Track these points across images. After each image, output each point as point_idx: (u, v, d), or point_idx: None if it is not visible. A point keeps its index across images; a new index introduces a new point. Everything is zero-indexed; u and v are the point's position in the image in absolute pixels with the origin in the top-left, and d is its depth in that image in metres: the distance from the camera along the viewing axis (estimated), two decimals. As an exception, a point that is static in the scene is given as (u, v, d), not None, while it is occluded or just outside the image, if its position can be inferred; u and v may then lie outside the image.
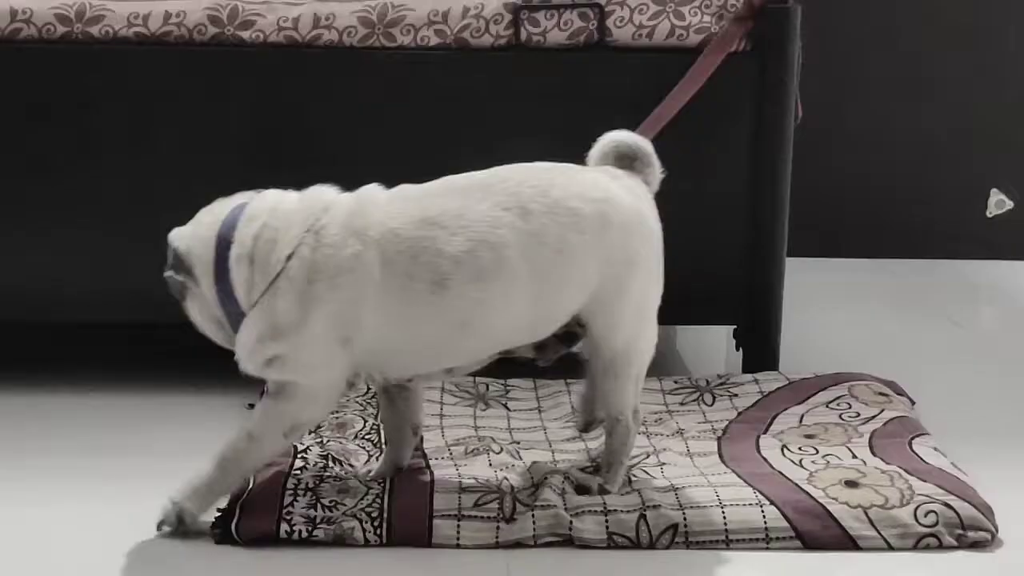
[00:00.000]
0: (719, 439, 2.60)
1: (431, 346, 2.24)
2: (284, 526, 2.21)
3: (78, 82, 2.82)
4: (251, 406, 2.75)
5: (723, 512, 2.25)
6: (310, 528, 2.21)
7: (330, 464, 2.43)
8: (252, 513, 2.24)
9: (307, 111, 2.86)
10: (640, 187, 2.35)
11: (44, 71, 2.81)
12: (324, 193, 2.28)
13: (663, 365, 3.18)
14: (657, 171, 2.39)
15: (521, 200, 2.22)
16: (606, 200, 2.27)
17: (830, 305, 3.79)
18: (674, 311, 2.97)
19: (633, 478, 2.38)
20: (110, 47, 2.81)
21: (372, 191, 2.29)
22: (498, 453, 2.48)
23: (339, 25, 2.83)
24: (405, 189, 2.29)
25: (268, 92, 2.85)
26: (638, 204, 2.31)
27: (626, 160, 2.37)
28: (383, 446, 2.50)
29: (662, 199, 2.79)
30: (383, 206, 2.24)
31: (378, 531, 2.22)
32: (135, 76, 2.83)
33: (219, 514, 2.25)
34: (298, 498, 2.27)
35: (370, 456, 2.49)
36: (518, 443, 2.58)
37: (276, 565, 2.16)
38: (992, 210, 4.43)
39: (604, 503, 2.27)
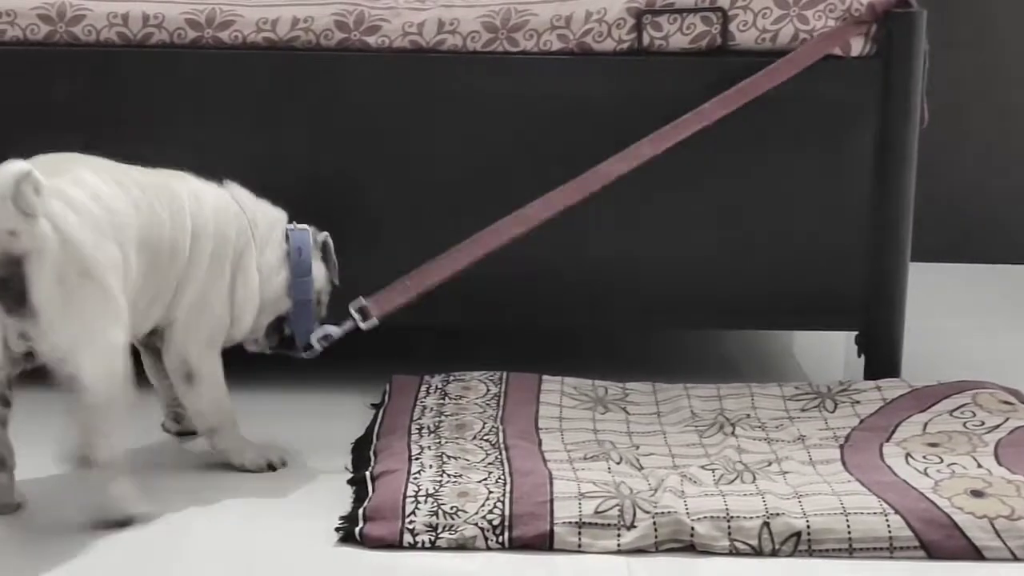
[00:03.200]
0: (842, 447, 2.58)
1: None
2: (407, 536, 2.23)
3: (204, 85, 2.86)
4: (374, 406, 2.79)
5: (847, 521, 2.24)
6: (433, 538, 2.23)
7: (445, 463, 2.45)
8: (376, 520, 2.26)
9: (433, 114, 2.88)
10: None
11: (171, 73, 2.86)
12: None
13: (781, 371, 3.17)
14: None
15: None
16: None
17: (952, 311, 3.75)
18: (796, 316, 3.00)
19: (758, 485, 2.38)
20: (239, 51, 2.85)
21: None
22: (618, 463, 2.49)
23: (463, 30, 2.85)
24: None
25: (392, 96, 2.87)
26: None
27: None
28: (502, 446, 2.52)
29: (785, 203, 2.80)
30: None
31: (500, 538, 2.23)
32: (262, 80, 2.86)
33: (343, 521, 2.28)
34: (419, 505, 2.29)
35: (487, 455, 2.51)
36: (637, 447, 2.58)
37: (398, 566, 2.18)
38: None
39: (727, 509, 2.27)
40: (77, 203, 2.22)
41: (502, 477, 2.39)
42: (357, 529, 2.24)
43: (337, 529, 2.27)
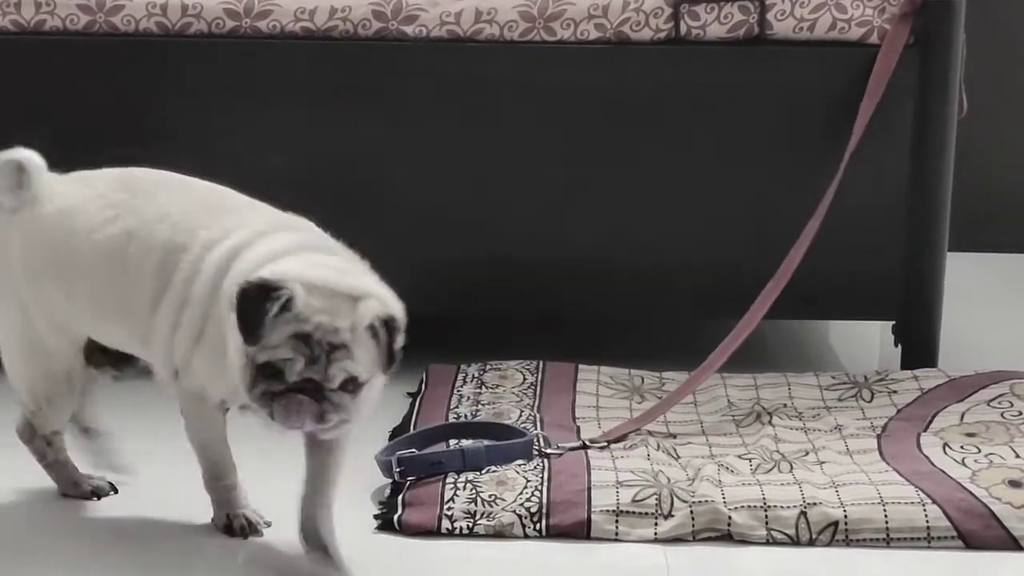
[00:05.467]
0: (879, 436, 2.58)
1: None
2: (445, 522, 2.24)
3: (242, 75, 2.87)
4: (411, 395, 2.80)
5: (885, 510, 2.24)
6: (471, 524, 2.24)
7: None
8: (414, 507, 2.28)
9: (470, 104, 2.89)
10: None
11: (209, 63, 2.87)
12: None
13: (818, 360, 3.17)
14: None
15: None
16: None
17: (990, 301, 3.73)
18: (832, 305, 2.99)
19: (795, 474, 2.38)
20: (277, 40, 2.87)
21: None
22: (656, 450, 2.49)
23: (500, 19, 2.85)
24: None
25: (429, 86, 2.88)
26: None
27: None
28: (538, 428, 2.54)
29: (822, 191, 2.79)
30: None
31: (537, 526, 2.24)
32: (300, 70, 2.87)
33: (382, 507, 2.30)
34: (458, 492, 2.30)
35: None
36: (674, 437, 2.59)
37: (436, 554, 2.19)
38: None
39: (764, 499, 2.27)
40: None
41: (539, 465, 2.40)
42: (396, 516, 2.26)
43: (376, 516, 2.28)
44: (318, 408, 1.99)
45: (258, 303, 1.96)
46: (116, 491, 2.37)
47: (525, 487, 2.32)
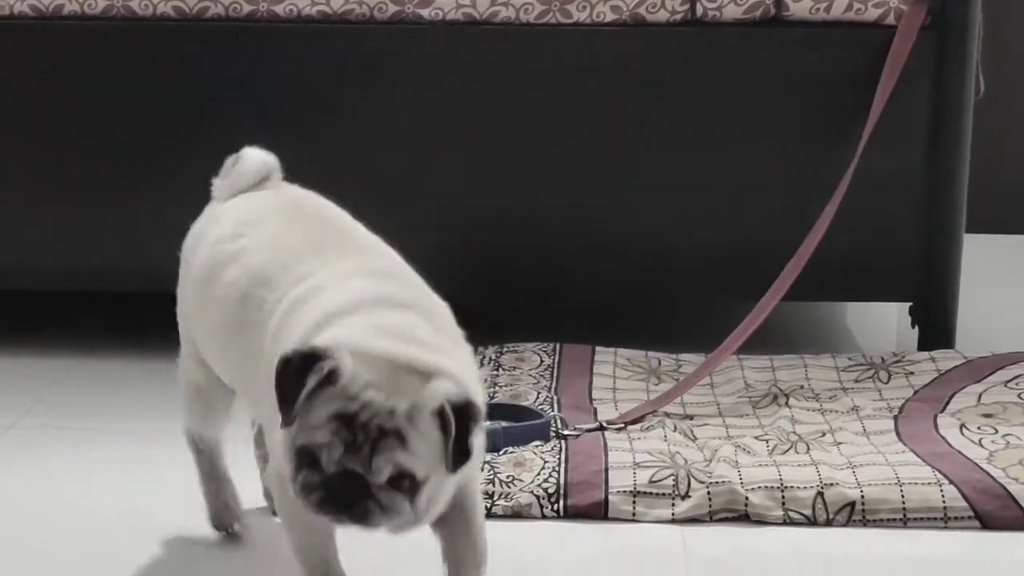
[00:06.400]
0: (895, 417, 2.58)
1: None
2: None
3: (260, 60, 2.88)
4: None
5: (901, 491, 2.24)
6: (488, 505, 2.24)
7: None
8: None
9: (486, 86, 2.89)
10: None
11: (226, 47, 2.88)
12: None
13: (835, 342, 3.17)
14: None
15: None
16: None
17: (1007, 282, 3.73)
18: (849, 287, 2.99)
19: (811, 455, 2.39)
20: (294, 24, 2.87)
21: None
22: (673, 431, 2.50)
23: (516, 2, 2.85)
24: None
25: (445, 68, 2.89)
26: None
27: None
28: (555, 410, 2.55)
29: (838, 173, 2.79)
30: None
31: (555, 507, 2.25)
32: (316, 53, 2.88)
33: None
34: (476, 470, 2.32)
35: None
36: (691, 418, 2.59)
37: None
38: None
39: (781, 480, 2.27)
40: None
41: (557, 446, 2.41)
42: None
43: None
44: (360, 507, 1.63)
45: (298, 375, 1.61)
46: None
47: (543, 468, 2.33)
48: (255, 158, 2.06)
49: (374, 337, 1.66)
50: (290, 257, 1.83)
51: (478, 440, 1.66)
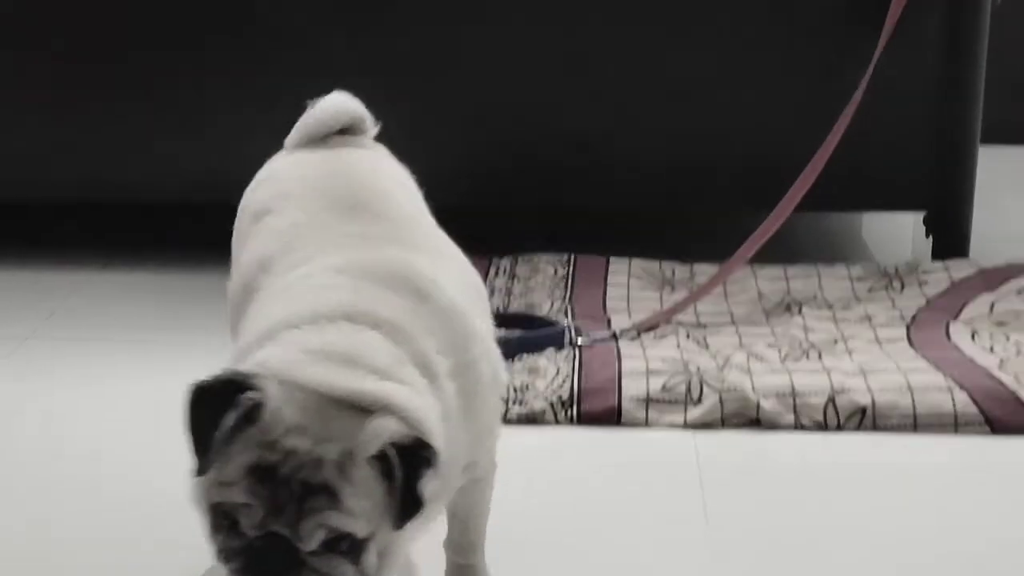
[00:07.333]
0: (908, 326, 2.59)
1: None
2: (478, 404, 2.27)
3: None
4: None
5: (912, 397, 2.26)
6: (504, 411, 2.26)
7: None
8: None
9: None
10: None
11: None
12: None
13: (849, 252, 3.17)
14: None
15: None
16: None
17: (1022, 193, 3.72)
18: (864, 197, 2.99)
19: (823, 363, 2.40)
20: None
21: None
22: (686, 339, 2.51)
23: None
24: None
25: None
26: None
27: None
28: (569, 319, 2.56)
29: (852, 82, 2.78)
30: None
31: (568, 412, 2.27)
32: None
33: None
34: (491, 377, 2.33)
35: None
36: (704, 327, 2.61)
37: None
38: None
39: (793, 386, 2.29)
40: None
41: (571, 354, 2.43)
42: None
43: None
44: None
45: (214, 410, 1.33)
46: None
47: (556, 375, 2.34)
48: (327, 109, 1.81)
49: (311, 363, 1.38)
50: (295, 239, 1.61)
51: (430, 485, 1.34)
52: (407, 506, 1.33)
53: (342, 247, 1.56)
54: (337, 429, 1.33)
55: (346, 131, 1.81)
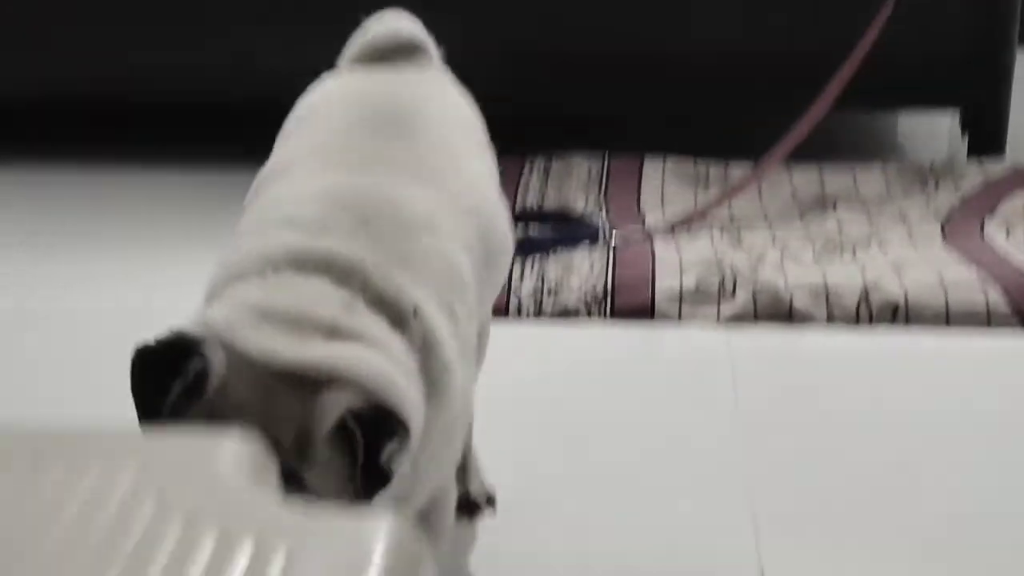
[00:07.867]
0: (943, 224, 2.60)
1: None
2: (513, 302, 2.29)
3: None
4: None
5: (945, 292, 2.27)
6: (537, 304, 2.28)
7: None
8: (481, 286, 2.32)
9: None
10: None
11: None
12: None
13: (885, 150, 3.17)
14: None
15: None
16: None
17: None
18: (899, 94, 2.98)
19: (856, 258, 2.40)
20: None
21: None
22: (719, 237, 2.52)
23: None
24: None
25: None
26: None
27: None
28: (603, 216, 2.56)
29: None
30: None
31: (602, 307, 2.29)
32: None
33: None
34: (525, 276, 2.35)
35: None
36: (738, 224, 2.61)
37: (505, 333, 2.24)
38: None
39: (826, 282, 2.30)
40: None
41: (604, 250, 2.44)
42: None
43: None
44: None
45: (157, 374, 1.22)
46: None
47: (591, 271, 2.36)
48: (381, 29, 1.67)
49: (253, 326, 1.23)
50: (287, 160, 1.47)
51: (398, 456, 1.22)
52: (372, 478, 1.21)
53: (336, 167, 1.42)
54: (285, 408, 1.20)
55: (405, 52, 1.65)
